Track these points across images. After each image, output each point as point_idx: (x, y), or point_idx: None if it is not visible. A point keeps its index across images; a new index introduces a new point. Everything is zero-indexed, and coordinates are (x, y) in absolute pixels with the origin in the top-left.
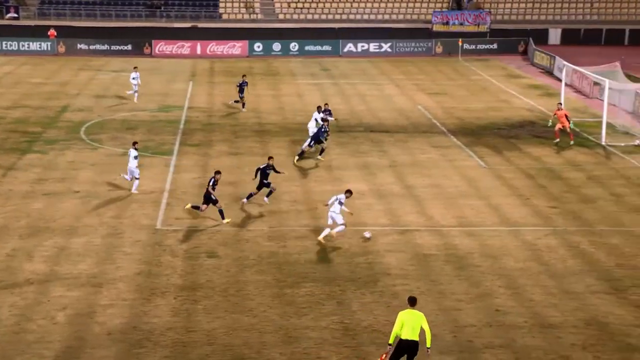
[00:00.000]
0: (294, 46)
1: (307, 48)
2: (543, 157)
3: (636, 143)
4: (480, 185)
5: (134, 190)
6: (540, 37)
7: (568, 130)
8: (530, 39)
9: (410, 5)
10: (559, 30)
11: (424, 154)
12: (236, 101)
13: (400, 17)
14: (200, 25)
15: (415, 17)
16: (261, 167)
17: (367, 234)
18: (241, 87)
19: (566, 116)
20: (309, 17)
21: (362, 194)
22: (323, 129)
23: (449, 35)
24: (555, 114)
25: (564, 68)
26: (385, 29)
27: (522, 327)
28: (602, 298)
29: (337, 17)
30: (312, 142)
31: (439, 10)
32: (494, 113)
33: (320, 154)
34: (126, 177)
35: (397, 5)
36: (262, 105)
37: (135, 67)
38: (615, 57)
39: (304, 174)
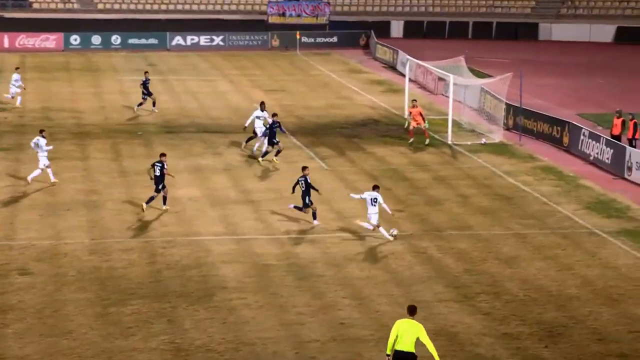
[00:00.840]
0: (115, 39)
1: (130, 41)
2: (388, 157)
3: (482, 141)
4: (322, 188)
5: (31, 177)
6: (382, 29)
7: (423, 128)
8: (372, 31)
9: None
10: (402, 23)
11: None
12: (140, 104)
13: (233, 7)
14: (7, 15)
15: (249, 8)
16: (300, 179)
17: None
18: (145, 85)
19: (421, 114)
20: (132, 7)
21: (195, 200)
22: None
23: (286, 28)
24: (410, 112)
25: (407, 62)
26: (217, 21)
27: (369, 341)
28: (450, 306)
29: (164, 7)
30: (268, 142)
31: (275, 0)
32: (335, 111)
33: (276, 155)
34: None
35: None
36: (81, 104)
37: (17, 68)
38: (459, 51)
39: (127, 179)
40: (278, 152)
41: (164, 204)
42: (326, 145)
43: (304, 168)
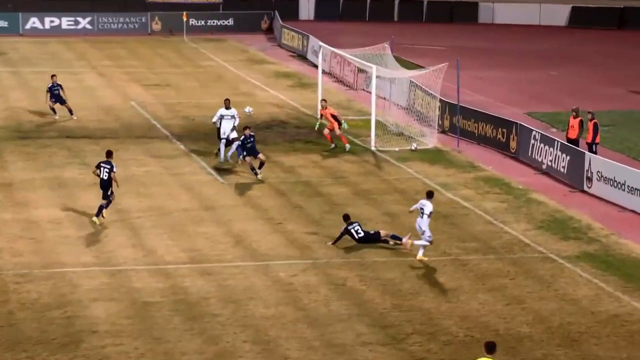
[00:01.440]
0: None
1: None
2: (298, 167)
3: (413, 147)
4: (217, 206)
5: None
6: (289, 10)
7: (338, 132)
8: (277, 12)
9: None
10: (312, 2)
11: (141, 167)
12: (54, 110)
13: None
14: None
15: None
16: None
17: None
18: (52, 92)
19: (333, 116)
20: None
21: (58, 223)
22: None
23: (169, 8)
24: (321, 114)
25: (320, 51)
26: None
27: None
28: (376, 350)
29: None
30: (240, 152)
31: None
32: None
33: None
34: None
35: None
36: None
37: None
38: (384, 36)
39: None
40: (261, 164)
41: (97, 214)
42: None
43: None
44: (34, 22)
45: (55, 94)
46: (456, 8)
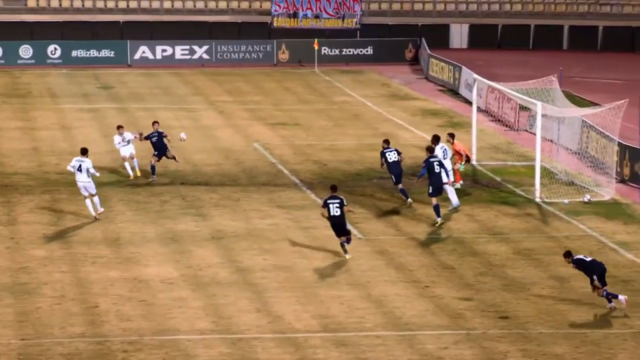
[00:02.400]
0: (54, 51)
1: (75, 54)
2: (449, 221)
3: (586, 199)
4: (354, 266)
5: None
6: (439, 37)
7: (456, 168)
8: (423, 40)
9: None
10: (466, 27)
11: (266, 219)
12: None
13: (223, 5)
14: None
15: (245, 5)
16: None
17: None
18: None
19: (459, 152)
20: (78, 4)
21: (170, 283)
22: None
23: (298, 35)
24: (461, 151)
25: (475, 84)
26: (200, 25)
27: None
28: None
29: (123, 4)
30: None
31: None
32: (371, 154)
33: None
34: None
35: None
36: (5, 144)
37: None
38: (551, 67)
39: (71, 252)
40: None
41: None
42: (359, 204)
43: None
44: (143, 51)
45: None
46: (638, 34)
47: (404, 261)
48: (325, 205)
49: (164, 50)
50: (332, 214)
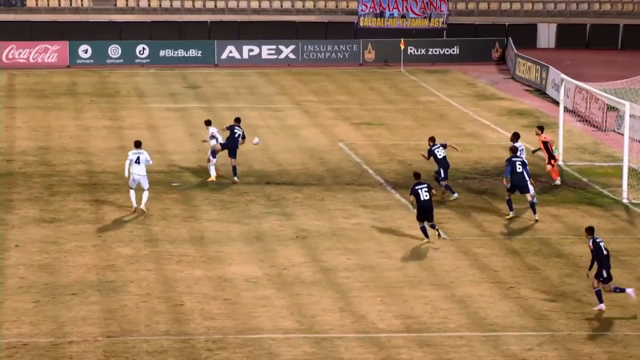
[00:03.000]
0: (142, 50)
1: (163, 53)
2: (532, 221)
3: None
4: (437, 266)
5: None
6: (526, 36)
7: (549, 167)
8: (510, 39)
9: None
10: (554, 27)
11: (350, 219)
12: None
13: (309, 5)
14: None
15: (332, 5)
16: None
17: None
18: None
19: (546, 144)
20: (165, 5)
21: (254, 282)
22: None
23: (384, 34)
24: (548, 142)
25: (562, 84)
26: (287, 24)
27: None
28: None
29: (210, 4)
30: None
31: None
32: (457, 154)
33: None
34: None
35: None
36: (92, 144)
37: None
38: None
39: (156, 250)
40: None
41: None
42: (443, 205)
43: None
44: (230, 51)
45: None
46: None
47: (488, 262)
48: (414, 191)
49: (250, 50)
50: (422, 198)
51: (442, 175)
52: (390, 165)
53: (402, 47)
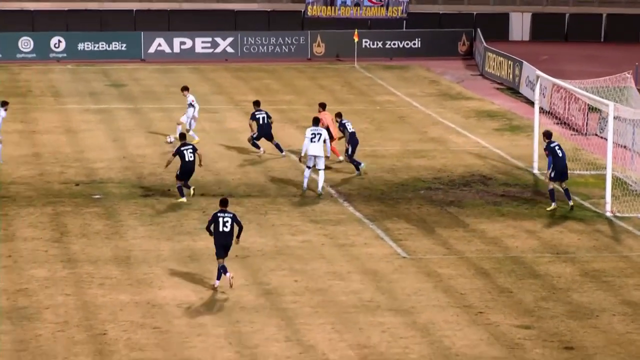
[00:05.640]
0: (57, 43)
1: (82, 47)
2: (506, 238)
3: None
4: (397, 289)
5: None
6: (497, 28)
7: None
8: (479, 31)
9: None
10: (528, 17)
11: (297, 235)
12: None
13: None
14: None
15: None
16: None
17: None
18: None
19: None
20: None
21: (187, 307)
22: None
23: (335, 25)
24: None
25: (538, 82)
26: (224, 13)
27: None
28: None
29: None
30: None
31: None
32: (418, 161)
33: None
34: None
35: None
36: (2, 150)
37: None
38: (625, 63)
39: (76, 272)
40: None
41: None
42: (404, 219)
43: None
44: (159, 44)
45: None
46: None
47: (455, 283)
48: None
49: (182, 43)
50: (187, 159)
51: (350, 151)
52: (343, 174)
53: (356, 39)
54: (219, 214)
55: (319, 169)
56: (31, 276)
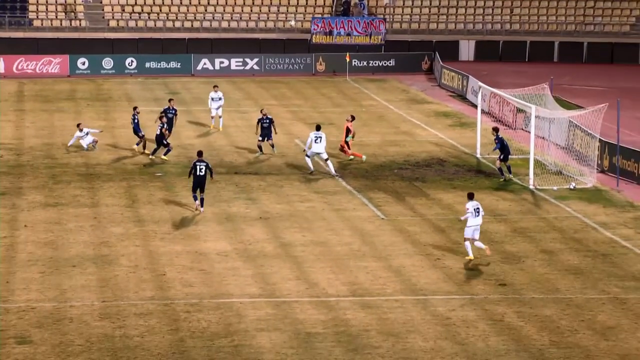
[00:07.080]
0: (130, 62)
1: (148, 65)
2: (456, 204)
3: (572, 186)
4: (377, 242)
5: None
6: (450, 51)
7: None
8: (437, 53)
9: (283, 10)
10: (472, 43)
11: (305, 202)
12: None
13: (270, 25)
14: (4, 34)
15: (289, 25)
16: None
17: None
18: (167, 116)
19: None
20: (150, 24)
21: (225, 255)
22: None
23: (333, 49)
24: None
25: (480, 90)
26: (251, 41)
27: None
28: None
29: (188, 24)
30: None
31: (320, 16)
32: (393, 148)
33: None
34: None
35: (265, 10)
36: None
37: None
38: (543, 76)
39: (144, 230)
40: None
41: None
42: (382, 190)
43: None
44: (204, 63)
45: (169, 118)
46: (617, 49)
47: (419, 238)
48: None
49: (221, 62)
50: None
51: (261, 138)
52: (338, 158)
53: (348, 59)
54: (197, 163)
55: (326, 159)
56: (111, 232)
